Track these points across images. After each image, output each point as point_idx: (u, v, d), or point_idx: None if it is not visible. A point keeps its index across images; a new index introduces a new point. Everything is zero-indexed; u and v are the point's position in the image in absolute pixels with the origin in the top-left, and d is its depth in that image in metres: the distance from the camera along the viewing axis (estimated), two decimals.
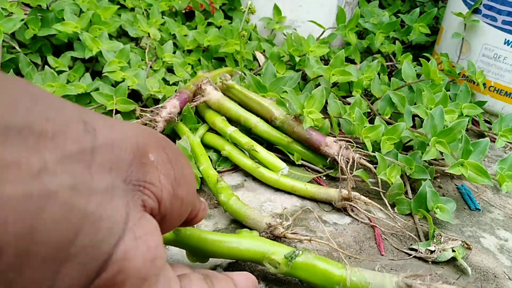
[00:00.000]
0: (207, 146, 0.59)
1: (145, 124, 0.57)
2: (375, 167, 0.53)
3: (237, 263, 0.43)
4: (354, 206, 0.50)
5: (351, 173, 0.52)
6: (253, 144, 0.56)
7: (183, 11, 0.93)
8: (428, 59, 0.74)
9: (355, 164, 0.53)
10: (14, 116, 0.18)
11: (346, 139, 0.57)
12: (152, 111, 0.56)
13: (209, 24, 0.88)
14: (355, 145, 0.56)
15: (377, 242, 0.48)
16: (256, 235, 0.40)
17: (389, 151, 0.56)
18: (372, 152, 0.55)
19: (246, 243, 0.37)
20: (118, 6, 0.79)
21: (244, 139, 0.57)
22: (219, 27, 0.86)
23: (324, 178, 0.59)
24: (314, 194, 0.52)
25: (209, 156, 0.55)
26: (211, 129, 0.61)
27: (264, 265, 0.37)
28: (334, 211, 0.52)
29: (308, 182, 0.55)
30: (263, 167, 0.55)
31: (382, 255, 0.47)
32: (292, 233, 0.42)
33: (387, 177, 0.52)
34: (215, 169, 0.57)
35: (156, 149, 0.25)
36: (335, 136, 0.59)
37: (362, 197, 0.50)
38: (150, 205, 0.24)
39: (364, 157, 0.55)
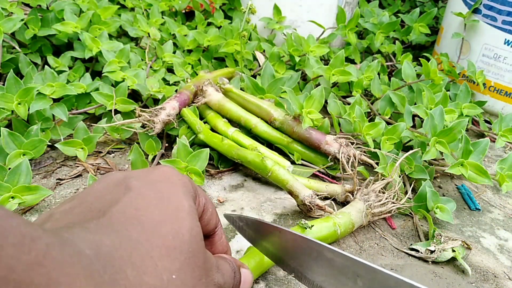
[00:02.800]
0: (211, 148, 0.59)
1: (144, 125, 0.57)
2: (376, 163, 0.53)
3: None
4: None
5: (352, 170, 0.52)
6: (256, 146, 0.56)
7: (183, 11, 0.93)
8: (428, 59, 0.74)
9: (356, 161, 0.53)
10: None
11: (347, 136, 0.57)
12: (151, 112, 0.56)
13: (209, 24, 0.88)
14: (355, 142, 0.56)
15: (386, 219, 0.51)
16: None
17: (389, 151, 0.56)
18: (372, 149, 0.55)
19: None
20: (118, 6, 0.79)
21: (247, 141, 0.57)
22: (219, 27, 0.86)
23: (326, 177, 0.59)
24: (318, 189, 0.52)
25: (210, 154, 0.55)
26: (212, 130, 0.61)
27: None
28: None
29: (310, 177, 0.55)
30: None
31: (394, 228, 0.50)
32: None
33: (386, 173, 0.52)
34: (217, 167, 0.58)
35: None
36: (335, 134, 0.59)
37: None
38: None
39: (364, 154, 0.55)
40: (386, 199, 0.48)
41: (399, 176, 0.53)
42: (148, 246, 0.24)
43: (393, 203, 0.48)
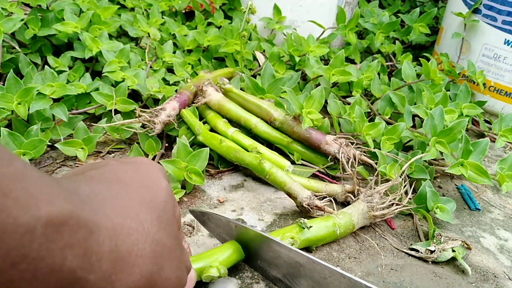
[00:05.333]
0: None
1: (143, 125, 0.57)
2: (376, 163, 0.53)
3: (236, 263, 0.43)
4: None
5: (352, 170, 0.52)
6: (256, 146, 0.56)
7: (183, 11, 0.93)
8: (428, 59, 0.74)
9: (356, 161, 0.53)
10: None
11: (347, 136, 0.57)
12: (151, 112, 0.56)
13: (209, 24, 0.88)
14: (355, 142, 0.56)
15: (386, 220, 0.51)
16: None
17: (389, 151, 0.56)
18: (372, 149, 0.55)
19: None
20: (118, 6, 0.79)
21: (247, 141, 0.57)
22: (219, 27, 0.86)
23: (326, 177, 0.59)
24: (318, 189, 0.52)
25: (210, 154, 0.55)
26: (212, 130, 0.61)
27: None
28: None
29: (310, 177, 0.55)
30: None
31: (393, 229, 0.50)
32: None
33: (387, 172, 0.52)
34: (217, 167, 0.58)
35: None
36: (335, 134, 0.59)
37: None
38: None
39: (364, 154, 0.55)
40: (390, 201, 0.48)
41: (404, 180, 0.53)
42: (128, 199, 0.25)
43: (397, 204, 0.48)
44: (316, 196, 0.48)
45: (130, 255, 0.23)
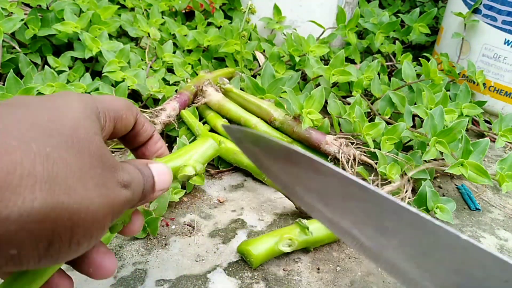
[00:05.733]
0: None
1: None
2: (376, 163, 0.53)
3: (237, 263, 0.43)
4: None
5: (352, 170, 0.52)
6: None
7: (183, 11, 0.93)
8: (428, 59, 0.74)
9: (356, 161, 0.53)
10: None
11: (347, 136, 0.57)
12: (151, 113, 0.56)
13: (209, 24, 0.88)
14: (355, 142, 0.56)
15: None
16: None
17: (389, 151, 0.56)
18: (372, 149, 0.55)
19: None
20: (118, 6, 0.79)
21: None
22: (219, 27, 0.86)
23: None
24: None
25: None
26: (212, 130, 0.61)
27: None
28: None
29: None
30: None
31: None
32: None
33: (387, 173, 0.52)
34: (217, 167, 0.58)
35: None
36: (335, 134, 0.59)
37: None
38: None
39: (364, 154, 0.55)
40: None
41: (407, 181, 0.53)
42: (12, 119, 0.23)
43: None
44: None
45: (12, 174, 0.21)
